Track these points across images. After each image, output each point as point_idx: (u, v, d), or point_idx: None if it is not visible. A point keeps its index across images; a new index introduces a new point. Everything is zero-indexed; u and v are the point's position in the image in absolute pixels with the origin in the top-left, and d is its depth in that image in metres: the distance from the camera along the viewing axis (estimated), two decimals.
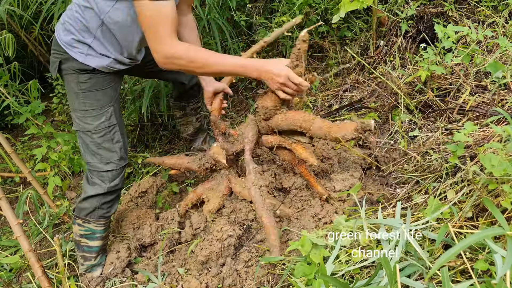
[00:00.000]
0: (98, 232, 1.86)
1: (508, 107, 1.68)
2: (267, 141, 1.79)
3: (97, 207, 1.81)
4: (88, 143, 1.76)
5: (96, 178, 1.79)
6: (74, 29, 1.63)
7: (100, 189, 1.78)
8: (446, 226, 1.18)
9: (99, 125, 1.74)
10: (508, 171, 1.09)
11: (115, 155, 1.78)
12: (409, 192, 1.67)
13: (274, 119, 1.72)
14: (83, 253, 1.88)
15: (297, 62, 1.51)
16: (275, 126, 1.73)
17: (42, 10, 2.84)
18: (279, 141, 1.75)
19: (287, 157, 1.81)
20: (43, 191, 2.29)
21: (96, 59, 1.67)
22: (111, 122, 1.76)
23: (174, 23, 1.46)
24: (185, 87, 2.31)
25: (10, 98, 2.50)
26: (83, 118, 1.74)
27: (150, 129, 3.05)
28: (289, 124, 1.67)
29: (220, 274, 1.69)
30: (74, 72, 1.68)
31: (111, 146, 1.77)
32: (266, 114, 1.70)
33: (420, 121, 1.96)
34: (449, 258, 0.92)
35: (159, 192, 2.38)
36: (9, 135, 2.77)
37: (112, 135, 1.77)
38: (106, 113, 1.75)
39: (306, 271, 1.26)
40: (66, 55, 1.66)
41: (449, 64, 1.88)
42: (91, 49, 1.65)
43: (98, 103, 1.73)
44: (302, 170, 1.81)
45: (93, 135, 1.75)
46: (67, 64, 1.69)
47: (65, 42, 1.65)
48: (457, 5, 2.34)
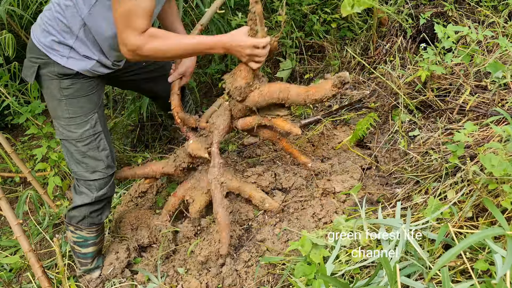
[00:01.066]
0: (91, 239, 1.82)
1: (508, 107, 1.68)
2: (245, 123, 1.74)
3: (86, 215, 1.75)
4: (72, 151, 1.68)
5: (83, 187, 1.73)
6: (55, 30, 1.55)
7: (87, 199, 1.71)
8: (446, 226, 1.18)
9: (83, 133, 1.66)
10: (508, 171, 1.09)
11: (101, 163, 1.71)
12: (409, 192, 1.67)
13: (250, 98, 1.65)
14: (78, 259, 1.87)
15: (256, 27, 1.47)
16: (253, 104, 1.66)
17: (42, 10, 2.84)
18: (259, 120, 1.71)
19: (267, 134, 1.78)
20: (43, 191, 2.29)
21: (78, 62, 1.58)
22: (96, 129, 1.68)
23: (143, 17, 1.42)
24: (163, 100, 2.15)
25: (10, 98, 2.50)
26: (66, 126, 1.65)
27: (150, 129, 3.05)
28: (267, 98, 1.62)
29: (220, 274, 1.69)
30: (55, 77, 1.59)
31: (96, 154, 1.70)
32: (242, 94, 1.63)
33: (420, 121, 1.96)
34: (449, 258, 0.92)
35: (159, 192, 2.38)
36: (9, 135, 2.77)
37: (97, 143, 1.69)
38: (91, 120, 1.67)
39: (306, 271, 1.26)
40: (46, 59, 1.57)
41: (449, 64, 1.88)
42: (73, 51, 1.57)
43: (82, 110, 1.65)
44: (284, 144, 1.81)
45: (78, 143, 1.67)
46: (47, 69, 1.59)
47: (44, 44, 1.56)
48: (457, 5, 2.34)
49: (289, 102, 1.61)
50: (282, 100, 1.61)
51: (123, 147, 3.00)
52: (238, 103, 1.69)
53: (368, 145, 2.08)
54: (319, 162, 2.02)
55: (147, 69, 1.98)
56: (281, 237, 1.69)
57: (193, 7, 2.57)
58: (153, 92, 2.15)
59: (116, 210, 2.27)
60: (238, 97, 1.65)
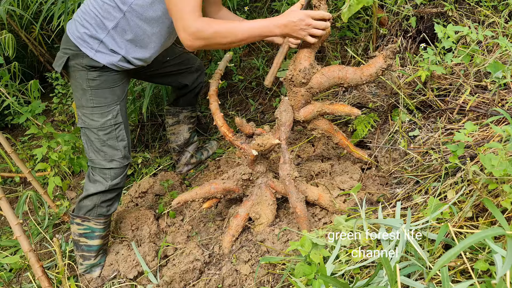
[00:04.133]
0: (98, 231, 1.86)
1: (508, 107, 1.68)
2: (307, 111, 1.72)
3: (97, 204, 1.81)
4: (93, 139, 1.77)
5: (98, 175, 1.80)
6: (89, 24, 1.65)
7: (101, 187, 1.79)
8: (446, 226, 1.18)
9: (105, 122, 1.75)
10: (508, 171, 1.09)
11: (118, 153, 1.79)
12: (409, 192, 1.67)
13: (314, 80, 1.66)
14: (82, 252, 1.88)
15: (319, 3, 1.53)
16: (317, 86, 1.67)
17: (42, 10, 2.84)
18: (319, 107, 1.72)
19: (325, 125, 1.78)
20: (43, 191, 2.29)
21: (105, 56, 1.67)
22: (117, 120, 1.78)
23: (197, 2, 1.48)
24: (186, 91, 2.30)
25: (10, 98, 2.50)
26: (89, 115, 1.75)
27: (150, 129, 3.05)
28: (329, 78, 1.65)
29: (220, 274, 1.69)
30: (83, 68, 1.69)
31: (115, 144, 1.78)
32: (306, 76, 1.64)
33: (420, 121, 1.96)
34: (449, 258, 0.92)
35: (160, 196, 2.37)
36: (9, 135, 2.77)
37: (117, 133, 1.78)
38: (113, 111, 1.76)
39: (306, 271, 1.26)
40: (76, 50, 1.67)
41: (449, 64, 1.87)
42: (102, 45, 1.66)
43: (105, 100, 1.74)
44: (341, 137, 1.81)
45: (99, 132, 1.76)
46: (76, 61, 1.69)
47: (77, 36, 1.66)
48: (457, 5, 2.34)
49: (348, 82, 1.64)
50: (341, 79, 1.64)
51: None
52: (301, 89, 1.68)
53: (368, 145, 2.08)
54: (319, 162, 2.02)
55: (171, 63, 2.12)
56: (281, 237, 1.69)
57: None
58: (180, 83, 2.27)
59: (117, 210, 2.27)
60: (302, 79, 1.65)
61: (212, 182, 1.85)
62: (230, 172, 1.87)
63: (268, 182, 1.82)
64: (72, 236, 1.91)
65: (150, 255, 1.88)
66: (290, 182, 1.61)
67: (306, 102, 1.72)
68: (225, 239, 1.81)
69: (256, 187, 1.84)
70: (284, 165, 1.63)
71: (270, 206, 1.79)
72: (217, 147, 2.67)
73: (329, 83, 1.66)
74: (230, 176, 1.85)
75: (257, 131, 1.76)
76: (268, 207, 1.79)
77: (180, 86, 2.29)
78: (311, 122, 1.77)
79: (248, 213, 1.82)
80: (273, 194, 1.82)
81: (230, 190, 1.84)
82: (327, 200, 1.71)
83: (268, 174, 1.84)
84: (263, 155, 1.76)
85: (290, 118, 1.70)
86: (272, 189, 1.81)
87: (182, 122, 2.43)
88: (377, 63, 1.60)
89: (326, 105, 1.72)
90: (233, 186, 1.83)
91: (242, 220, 1.82)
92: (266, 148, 1.65)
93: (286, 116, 1.69)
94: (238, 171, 1.84)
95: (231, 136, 1.78)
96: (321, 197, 1.71)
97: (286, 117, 1.69)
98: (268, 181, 1.83)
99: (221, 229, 1.96)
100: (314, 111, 1.72)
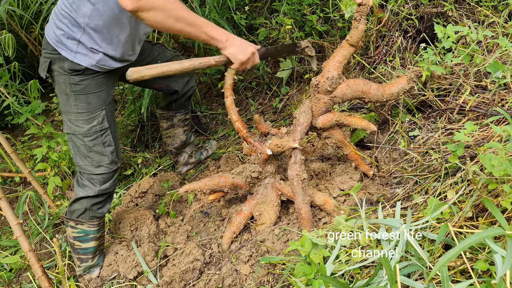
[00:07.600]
0: (92, 233, 1.84)
1: (508, 107, 1.68)
2: (326, 119, 1.72)
3: (87, 208, 1.79)
4: (79, 146, 1.73)
5: (87, 180, 1.77)
6: (64, 25, 1.59)
7: (90, 191, 1.76)
8: (446, 226, 1.18)
9: (90, 129, 1.70)
10: (508, 171, 1.09)
11: (106, 158, 1.76)
12: (409, 192, 1.67)
13: (339, 89, 1.68)
14: (78, 255, 1.87)
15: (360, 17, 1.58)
16: (341, 96, 1.69)
17: (42, 10, 2.84)
18: (338, 117, 1.73)
19: (339, 136, 1.78)
20: (43, 191, 2.29)
21: (85, 57, 1.61)
22: (103, 126, 1.73)
23: None
24: (177, 96, 2.26)
25: (10, 98, 2.50)
26: (74, 120, 1.70)
27: (150, 129, 3.05)
28: (353, 90, 1.67)
29: (220, 274, 1.69)
30: (65, 73, 1.64)
31: (102, 149, 1.74)
32: (333, 84, 1.66)
33: (420, 121, 1.96)
34: (449, 258, 0.92)
35: (160, 196, 2.37)
36: (9, 135, 2.77)
37: (103, 139, 1.74)
38: (98, 116, 1.71)
39: (306, 271, 1.26)
40: (56, 54, 1.62)
41: (449, 64, 1.87)
42: (80, 45, 1.59)
43: (90, 106, 1.69)
44: (352, 150, 1.81)
45: (85, 138, 1.71)
46: (58, 64, 1.64)
47: (55, 39, 1.60)
48: (457, 5, 2.34)
49: (369, 97, 1.67)
50: (364, 93, 1.66)
51: (123, 147, 3.00)
52: (324, 96, 1.69)
53: (368, 145, 2.08)
54: (319, 162, 2.02)
55: None
56: (281, 237, 1.69)
57: (193, 7, 2.57)
58: (171, 88, 2.20)
59: (116, 210, 2.27)
60: (328, 87, 1.66)
61: (221, 175, 1.84)
62: (240, 168, 1.87)
63: (275, 184, 1.82)
64: (68, 238, 1.90)
65: (149, 255, 1.88)
66: (298, 183, 1.61)
67: (327, 110, 1.73)
68: (225, 235, 1.82)
69: (262, 187, 1.84)
70: (295, 165, 1.62)
71: (274, 207, 1.79)
72: (216, 147, 2.67)
73: (352, 95, 1.68)
74: (240, 172, 1.85)
75: (272, 131, 1.75)
76: (272, 208, 1.79)
77: (170, 92, 2.24)
78: (327, 131, 1.77)
79: (251, 211, 1.83)
80: (279, 196, 1.81)
81: (238, 186, 1.84)
82: (333, 206, 1.71)
83: (276, 175, 1.84)
84: (275, 156, 1.76)
85: (308, 120, 1.70)
86: (279, 190, 1.81)
87: (176, 125, 2.40)
88: (400, 83, 1.62)
89: (344, 116, 1.73)
90: (241, 182, 1.83)
91: (244, 218, 1.83)
92: (284, 150, 1.65)
93: (305, 117, 1.69)
94: (248, 168, 1.84)
95: (245, 132, 1.76)
96: (327, 202, 1.71)
97: (305, 119, 1.69)
98: (275, 182, 1.82)
99: (221, 229, 1.96)
100: (332, 120, 1.72)
